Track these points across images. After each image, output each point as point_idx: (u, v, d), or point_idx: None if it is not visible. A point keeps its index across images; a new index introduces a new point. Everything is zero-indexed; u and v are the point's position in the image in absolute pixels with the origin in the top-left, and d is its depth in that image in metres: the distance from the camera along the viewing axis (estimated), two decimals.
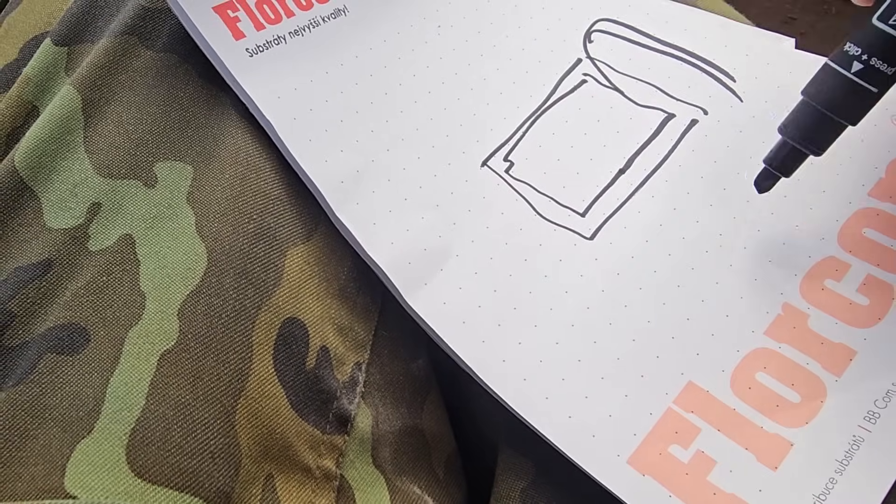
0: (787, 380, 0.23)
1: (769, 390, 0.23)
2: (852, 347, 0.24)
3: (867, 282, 0.25)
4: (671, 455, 0.22)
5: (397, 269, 0.25)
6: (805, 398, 0.23)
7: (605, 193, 0.27)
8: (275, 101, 0.26)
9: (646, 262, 0.26)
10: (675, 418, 0.23)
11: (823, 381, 0.23)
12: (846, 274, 0.25)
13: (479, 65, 0.30)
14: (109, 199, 0.24)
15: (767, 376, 0.23)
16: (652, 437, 0.23)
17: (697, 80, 0.30)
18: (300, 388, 0.23)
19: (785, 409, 0.23)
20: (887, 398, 0.22)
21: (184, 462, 0.20)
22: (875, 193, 0.26)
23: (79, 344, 0.22)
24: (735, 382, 0.24)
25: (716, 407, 0.23)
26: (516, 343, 0.24)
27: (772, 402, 0.23)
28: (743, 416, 0.23)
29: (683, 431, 0.23)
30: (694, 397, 0.23)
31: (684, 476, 0.22)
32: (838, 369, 0.23)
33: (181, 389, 0.21)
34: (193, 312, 0.22)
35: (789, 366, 0.24)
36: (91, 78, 0.26)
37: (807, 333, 0.24)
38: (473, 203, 0.27)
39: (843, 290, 0.25)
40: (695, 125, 0.29)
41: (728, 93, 0.29)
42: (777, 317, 0.24)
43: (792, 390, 0.23)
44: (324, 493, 0.23)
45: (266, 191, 0.25)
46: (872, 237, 0.25)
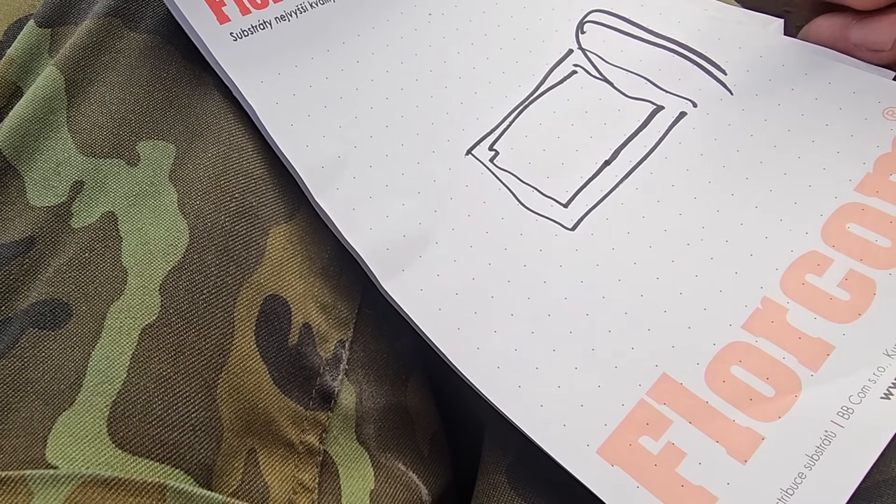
0: (762, 374, 0.24)
1: (743, 384, 0.24)
2: (830, 343, 0.24)
3: (849, 277, 0.25)
4: (641, 446, 0.23)
5: (375, 254, 0.25)
6: (779, 392, 0.23)
7: (589, 185, 0.28)
8: (257, 86, 0.27)
9: (626, 254, 0.26)
10: (647, 410, 0.24)
11: (799, 376, 0.24)
12: (828, 269, 0.25)
13: (469, 54, 0.30)
14: (92, 178, 0.25)
15: (742, 370, 0.24)
16: (623, 428, 0.23)
17: (688, 73, 0.30)
18: (282, 365, 0.24)
19: (758, 403, 0.23)
20: (862, 394, 0.23)
21: (165, 434, 0.21)
22: (861, 188, 0.26)
23: (61, 319, 0.23)
24: (709, 375, 0.24)
25: (688, 399, 0.24)
26: (492, 331, 0.25)
27: (745, 396, 0.23)
28: (715, 408, 0.23)
29: (655, 423, 0.23)
30: (667, 389, 0.24)
31: (653, 467, 0.23)
32: (815, 364, 0.24)
33: (162, 363, 0.22)
34: (175, 288, 0.23)
35: (765, 360, 0.24)
36: (74, 59, 0.27)
37: (785, 328, 0.24)
38: (455, 191, 0.27)
39: (824, 285, 0.25)
40: (683, 118, 0.29)
41: (719, 86, 0.30)
42: (755, 310, 0.25)
43: (766, 384, 0.24)
44: (307, 468, 0.24)
45: (248, 170, 0.26)
46: (857, 232, 0.25)
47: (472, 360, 0.24)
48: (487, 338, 0.25)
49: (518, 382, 0.24)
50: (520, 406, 0.24)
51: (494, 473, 0.25)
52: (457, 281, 0.26)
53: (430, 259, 0.26)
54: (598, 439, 0.23)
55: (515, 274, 0.26)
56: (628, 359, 0.24)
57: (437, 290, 0.25)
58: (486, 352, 0.25)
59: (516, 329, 0.25)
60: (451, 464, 0.29)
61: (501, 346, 0.25)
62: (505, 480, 0.25)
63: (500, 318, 0.25)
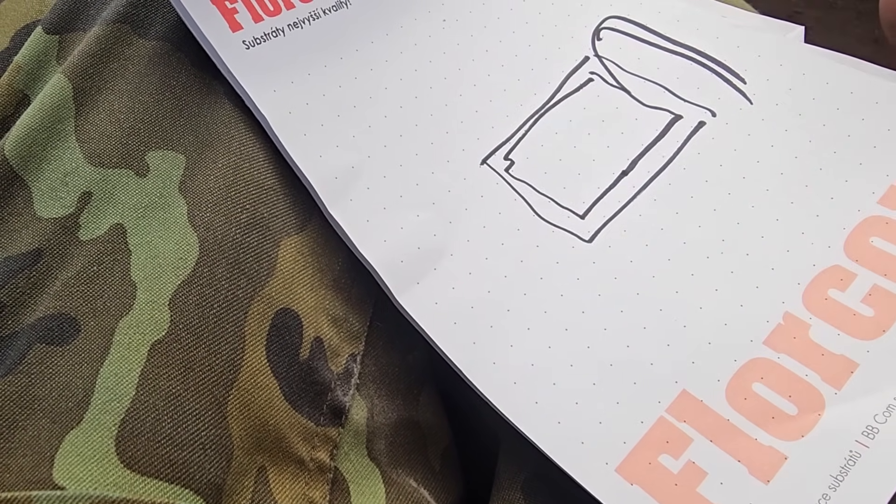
0: (784, 391, 0.23)
1: (765, 401, 0.23)
2: (854, 360, 0.23)
3: (873, 292, 0.24)
4: (661, 465, 0.23)
5: (389, 267, 0.25)
6: (802, 411, 0.23)
7: (606, 196, 0.27)
8: (270, 95, 0.26)
9: (644, 267, 0.26)
10: (667, 427, 0.23)
11: (822, 394, 0.23)
12: (851, 284, 0.25)
13: (484, 61, 0.30)
14: (100, 189, 0.25)
15: (764, 387, 0.24)
16: (642, 446, 0.23)
17: (707, 82, 0.30)
18: (294, 380, 0.24)
19: (781, 422, 0.23)
20: (888, 413, 0.22)
21: (174, 453, 0.20)
22: (885, 201, 0.26)
23: (68, 334, 0.22)
24: (730, 392, 0.24)
25: (709, 417, 0.23)
26: (508, 345, 0.25)
27: (768, 414, 0.23)
28: (737, 427, 0.23)
29: (675, 441, 0.23)
30: (687, 406, 0.23)
31: (673, 486, 0.22)
32: (838, 382, 0.23)
33: (172, 380, 0.21)
34: (185, 303, 0.23)
35: (787, 377, 0.24)
36: (82, 66, 0.26)
37: (807, 344, 0.24)
38: (471, 202, 0.27)
39: (848, 301, 0.24)
40: (702, 127, 0.29)
41: (738, 95, 0.29)
42: (777, 326, 0.24)
43: (789, 402, 0.23)
44: (317, 485, 0.23)
45: (259, 181, 0.26)
46: (880, 246, 0.25)
47: (489, 375, 0.24)
48: (504, 352, 0.24)
49: (535, 398, 0.24)
50: (537, 423, 0.23)
51: (510, 490, 0.25)
52: (472, 294, 0.25)
53: (445, 271, 0.26)
54: (618, 457, 0.23)
55: (532, 287, 0.26)
56: (647, 375, 0.24)
57: (453, 303, 0.25)
58: (503, 367, 0.24)
59: (533, 344, 0.25)
60: (462, 479, 0.28)
61: (518, 361, 0.24)
62: (521, 497, 0.25)
63: (517, 332, 0.25)
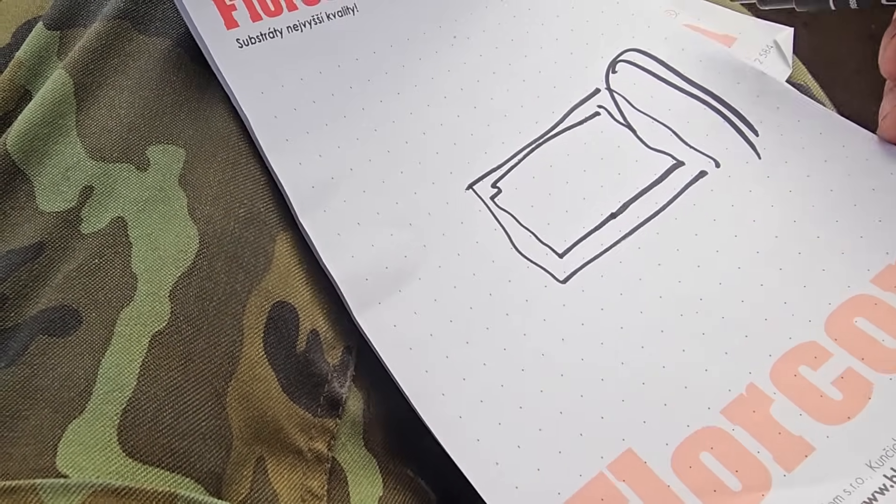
0: (731, 465, 0.23)
1: (710, 473, 0.23)
2: (811, 443, 0.23)
3: (846, 375, 0.24)
4: None
5: (352, 283, 0.25)
6: (746, 488, 0.23)
7: (590, 237, 0.27)
8: (257, 97, 0.27)
9: (614, 317, 0.26)
10: (605, 484, 0.23)
11: (771, 474, 0.23)
12: (825, 363, 0.24)
13: (489, 83, 0.30)
14: (102, 183, 0.26)
15: (712, 458, 0.23)
16: (576, 500, 0.23)
17: (717, 129, 0.29)
18: (291, 372, 0.24)
19: (722, 496, 0.23)
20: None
21: (175, 443, 0.21)
22: (878, 281, 0.25)
23: (70, 326, 0.23)
24: (676, 458, 0.23)
25: (650, 480, 0.23)
26: (460, 378, 0.25)
27: (709, 486, 0.23)
28: (676, 494, 0.23)
29: (609, 499, 0.23)
30: (629, 466, 0.23)
31: None
32: (790, 464, 0.23)
33: (172, 371, 0.22)
34: (185, 294, 0.23)
35: (738, 451, 0.23)
36: (83, 62, 0.27)
37: (766, 420, 0.23)
38: (449, 227, 0.27)
39: (818, 381, 0.24)
40: (703, 177, 0.28)
41: (747, 147, 0.28)
42: (738, 396, 0.24)
43: (735, 477, 0.23)
44: (315, 475, 0.24)
45: (256, 176, 0.26)
46: (863, 328, 0.24)
47: (436, 405, 0.24)
48: (455, 385, 0.25)
49: (477, 436, 0.24)
50: (474, 461, 0.24)
51: None
52: (433, 321, 0.25)
53: (410, 295, 0.26)
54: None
55: (496, 322, 0.26)
56: (595, 428, 0.24)
57: (412, 328, 0.25)
58: (451, 399, 0.24)
59: (486, 380, 0.25)
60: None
61: (468, 396, 0.24)
62: None
63: (472, 366, 0.25)
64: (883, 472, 0.22)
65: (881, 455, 0.22)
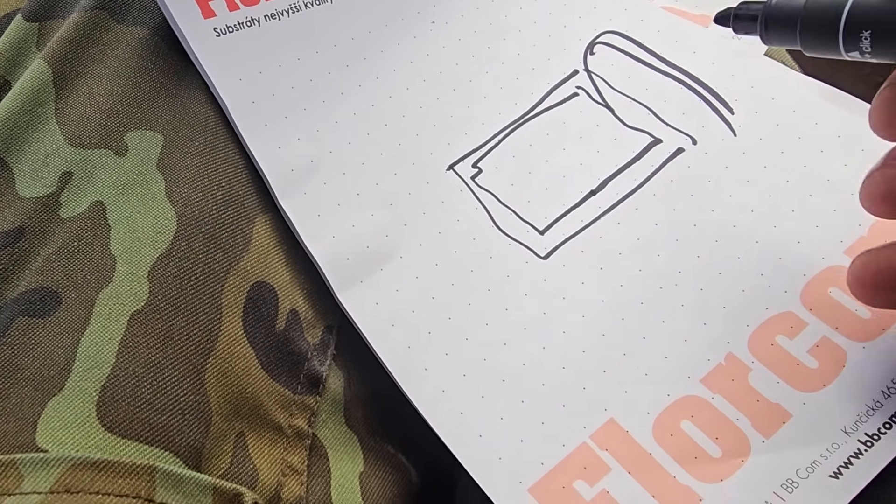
0: (712, 433, 0.23)
1: (691, 440, 0.23)
2: (788, 410, 0.23)
3: (821, 344, 0.24)
4: (574, 490, 0.23)
5: (333, 263, 0.26)
6: (726, 454, 0.23)
7: (570, 214, 0.28)
8: (235, 83, 0.27)
9: (595, 290, 0.26)
10: (587, 453, 0.23)
11: (749, 440, 0.23)
12: (801, 332, 0.24)
13: (468, 66, 0.30)
14: (81, 168, 0.26)
15: (693, 426, 0.24)
16: (559, 469, 0.23)
17: (694, 107, 0.29)
18: (270, 350, 0.25)
19: (702, 463, 0.23)
20: (811, 469, 0.22)
21: (154, 417, 0.22)
22: (851, 252, 0.25)
23: (50, 306, 0.23)
24: (657, 427, 0.24)
25: (632, 448, 0.23)
26: (443, 353, 0.25)
27: (690, 453, 0.23)
28: (657, 462, 0.23)
29: (592, 468, 0.23)
30: (612, 435, 0.24)
31: None
32: (768, 430, 0.23)
33: (151, 348, 0.23)
34: (163, 274, 0.24)
35: (718, 418, 0.24)
36: (61, 51, 0.28)
37: (744, 388, 0.24)
38: (430, 206, 0.27)
39: (794, 349, 0.24)
40: (680, 154, 0.28)
41: (723, 124, 0.29)
42: (717, 366, 0.24)
43: (715, 444, 0.23)
44: (296, 450, 0.24)
45: (234, 160, 0.27)
46: (837, 298, 0.25)
47: (418, 381, 0.25)
48: (437, 360, 0.25)
49: (461, 409, 0.24)
50: (458, 434, 0.24)
51: None
52: (416, 299, 0.26)
53: (392, 273, 0.26)
54: (532, 478, 0.23)
55: (478, 298, 0.26)
56: (578, 399, 0.24)
57: (394, 305, 0.26)
58: (434, 374, 0.25)
59: (468, 354, 0.25)
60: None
61: (450, 370, 0.25)
62: None
63: (454, 341, 0.25)
64: (857, 438, 0.22)
65: (855, 421, 0.23)
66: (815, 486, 0.22)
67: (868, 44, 0.20)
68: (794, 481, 0.22)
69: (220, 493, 0.21)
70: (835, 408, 0.23)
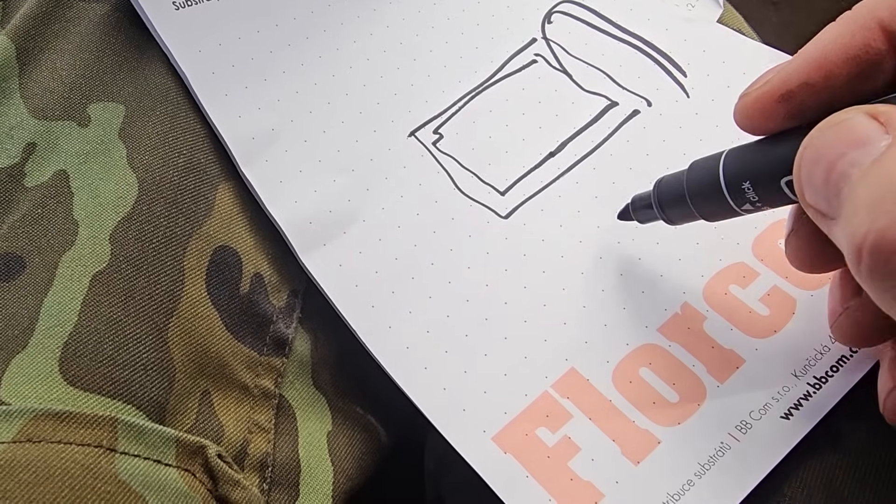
0: (669, 379, 0.24)
1: (649, 387, 0.24)
2: (741, 356, 0.24)
3: (772, 293, 0.25)
4: (537, 437, 0.23)
5: (296, 227, 0.26)
6: (683, 399, 0.24)
7: (530, 175, 0.28)
8: (194, 55, 0.27)
9: (555, 247, 0.27)
10: (549, 402, 0.24)
11: (705, 385, 0.24)
12: (753, 282, 0.25)
13: (428, 36, 0.31)
14: (44, 140, 0.27)
15: (651, 373, 0.24)
16: (521, 418, 0.24)
17: (649, 71, 0.30)
18: (234, 312, 0.25)
19: (660, 408, 0.24)
20: (763, 411, 0.23)
21: (116, 372, 0.22)
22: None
23: (14, 271, 0.24)
24: (617, 375, 0.24)
25: (592, 396, 0.24)
26: (406, 311, 0.26)
27: (649, 399, 0.24)
28: (617, 407, 0.24)
29: (554, 416, 0.24)
30: (572, 384, 0.24)
31: (545, 459, 0.23)
32: (722, 375, 0.24)
33: (113, 307, 0.23)
34: (125, 237, 0.24)
35: (675, 365, 0.24)
36: (25, 28, 0.28)
37: (699, 335, 0.25)
38: (392, 171, 0.28)
39: (746, 298, 0.25)
40: (635, 115, 0.29)
41: (677, 87, 0.30)
42: (674, 315, 0.25)
43: (672, 390, 0.24)
44: (263, 410, 0.25)
45: (196, 129, 0.27)
46: None
47: (382, 338, 0.25)
48: (401, 318, 0.25)
49: (425, 364, 0.25)
50: (422, 388, 0.24)
51: None
52: (379, 260, 0.26)
53: (355, 236, 0.27)
54: (495, 427, 0.24)
55: (440, 258, 0.27)
56: (539, 350, 0.25)
57: (357, 266, 0.26)
58: (398, 331, 0.25)
59: (432, 312, 0.26)
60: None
61: (414, 328, 0.25)
62: None
63: (418, 299, 0.26)
64: (806, 381, 0.23)
65: (804, 365, 0.24)
66: (767, 427, 0.23)
67: (753, 194, 0.20)
68: (747, 423, 0.23)
69: (184, 444, 0.21)
70: (785, 353, 0.24)
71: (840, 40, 0.18)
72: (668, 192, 0.23)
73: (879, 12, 0.18)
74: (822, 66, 0.18)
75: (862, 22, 0.18)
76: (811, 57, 0.19)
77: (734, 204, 0.21)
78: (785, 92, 0.19)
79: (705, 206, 0.22)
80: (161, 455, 0.21)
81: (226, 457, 0.23)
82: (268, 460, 0.24)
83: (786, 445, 0.22)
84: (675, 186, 0.23)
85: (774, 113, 0.20)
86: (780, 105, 0.19)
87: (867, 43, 0.18)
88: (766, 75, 0.20)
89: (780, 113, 0.19)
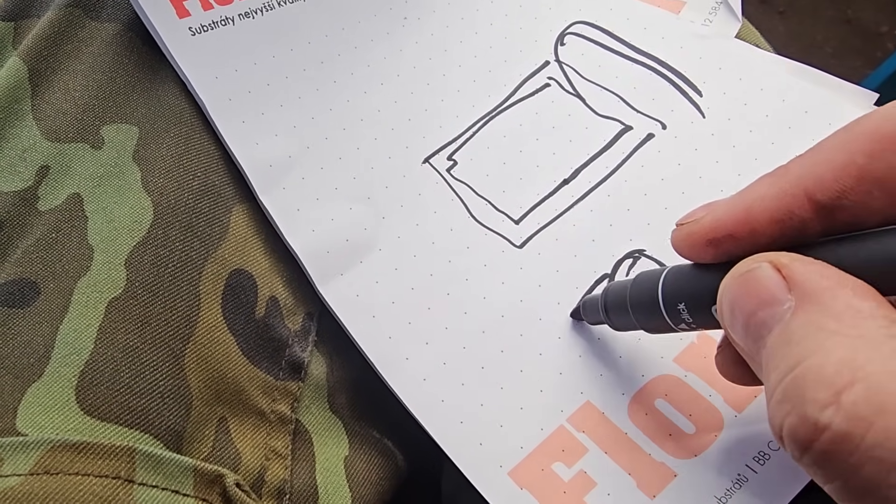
0: (685, 409, 0.24)
1: (665, 418, 0.24)
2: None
3: None
4: (553, 472, 0.23)
5: (314, 256, 0.26)
6: (700, 430, 0.24)
7: (544, 203, 0.28)
8: (211, 81, 0.28)
9: (570, 278, 0.27)
10: (565, 436, 0.24)
11: (723, 415, 0.24)
12: None
13: (441, 60, 0.31)
14: (58, 162, 0.27)
15: (667, 404, 0.24)
16: (537, 452, 0.24)
17: (663, 93, 0.30)
18: (250, 336, 0.25)
19: (677, 439, 0.24)
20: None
21: (133, 401, 0.22)
22: None
23: (29, 297, 0.24)
24: (633, 407, 0.24)
25: (608, 429, 0.24)
26: (423, 343, 0.26)
27: (665, 431, 0.24)
28: (633, 441, 0.24)
29: (570, 450, 0.24)
30: (588, 417, 0.24)
31: (562, 494, 0.23)
32: (740, 405, 0.24)
33: (129, 334, 0.23)
34: (140, 262, 0.24)
35: (691, 395, 0.24)
36: (37, 49, 0.28)
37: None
38: (407, 199, 0.28)
39: None
40: (650, 139, 0.29)
41: (692, 107, 0.29)
42: (690, 345, 0.25)
43: (688, 420, 0.24)
44: (279, 435, 0.25)
45: (210, 151, 0.27)
46: None
47: (400, 370, 0.25)
48: (418, 349, 0.26)
49: (442, 397, 0.25)
50: (440, 421, 0.24)
51: None
52: (395, 289, 0.26)
53: (371, 265, 0.27)
54: (512, 461, 0.24)
55: (456, 287, 0.27)
56: (555, 384, 0.25)
57: (374, 297, 0.26)
58: (415, 363, 0.25)
59: (448, 343, 0.26)
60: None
61: (431, 359, 0.25)
62: None
63: (434, 330, 0.26)
64: None
65: None
66: (786, 458, 0.22)
67: (687, 315, 0.20)
68: (765, 454, 0.23)
69: (202, 474, 0.21)
70: None
71: (766, 202, 0.18)
72: (613, 301, 0.23)
73: (805, 182, 0.18)
74: (747, 223, 0.19)
75: (788, 188, 0.18)
76: (738, 209, 0.19)
77: (671, 322, 0.21)
78: (712, 238, 0.19)
79: (645, 320, 0.22)
80: (179, 485, 0.21)
81: (244, 485, 0.23)
82: (285, 487, 0.24)
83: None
84: (622, 296, 0.23)
85: (703, 251, 0.20)
86: (709, 247, 0.20)
87: (791, 210, 0.18)
88: (697, 212, 0.20)
89: (709, 252, 0.20)
